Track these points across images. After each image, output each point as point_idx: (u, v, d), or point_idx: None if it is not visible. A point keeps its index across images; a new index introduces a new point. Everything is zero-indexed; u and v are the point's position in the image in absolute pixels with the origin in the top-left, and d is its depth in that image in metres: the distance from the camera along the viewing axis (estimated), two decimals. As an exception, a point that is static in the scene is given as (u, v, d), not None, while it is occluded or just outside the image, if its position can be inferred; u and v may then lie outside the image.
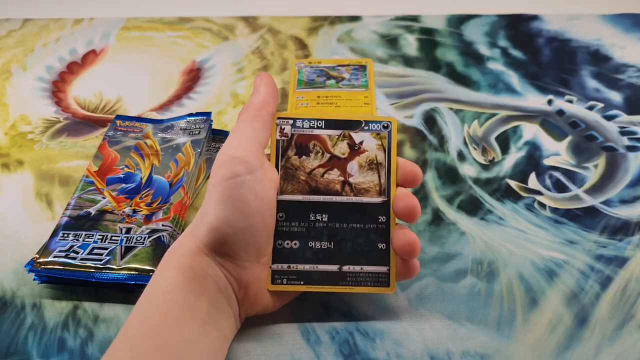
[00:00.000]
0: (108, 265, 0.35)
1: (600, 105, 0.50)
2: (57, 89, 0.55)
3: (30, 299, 0.36)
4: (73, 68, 0.58)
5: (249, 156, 0.30)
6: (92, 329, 0.34)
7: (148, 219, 0.38)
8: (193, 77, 0.56)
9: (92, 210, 0.39)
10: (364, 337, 0.33)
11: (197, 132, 0.45)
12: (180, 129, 0.45)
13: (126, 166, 0.42)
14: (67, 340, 0.34)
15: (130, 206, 0.39)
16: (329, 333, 0.33)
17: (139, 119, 0.47)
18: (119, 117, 0.47)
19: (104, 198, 0.40)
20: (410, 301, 0.35)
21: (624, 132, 0.47)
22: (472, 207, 0.41)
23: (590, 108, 0.50)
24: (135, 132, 0.45)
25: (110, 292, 0.36)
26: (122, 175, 0.41)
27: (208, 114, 0.46)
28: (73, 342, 0.33)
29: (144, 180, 0.41)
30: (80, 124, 0.50)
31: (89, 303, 0.35)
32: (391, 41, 0.60)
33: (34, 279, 0.36)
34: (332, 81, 0.54)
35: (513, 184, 0.43)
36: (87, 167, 0.42)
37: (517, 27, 0.61)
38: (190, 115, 0.46)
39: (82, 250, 0.36)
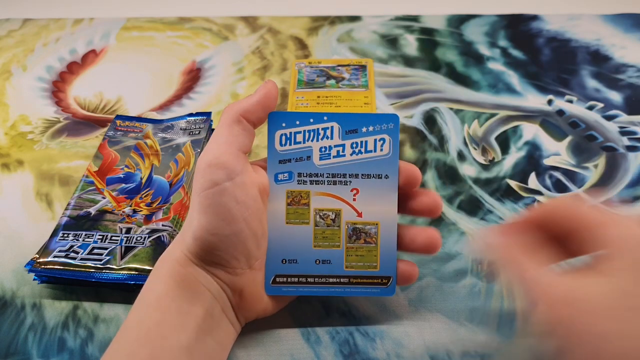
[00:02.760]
0: (108, 265, 0.35)
1: (600, 105, 0.50)
2: (57, 89, 0.55)
3: (30, 299, 0.36)
4: (73, 68, 0.58)
5: (227, 161, 0.28)
6: (92, 329, 0.34)
7: (148, 219, 0.38)
8: (193, 77, 0.56)
9: (92, 210, 0.39)
10: (364, 337, 0.33)
11: (197, 132, 0.45)
12: (180, 129, 0.45)
13: (126, 166, 0.42)
14: (67, 340, 0.34)
15: (130, 206, 0.39)
16: (329, 333, 0.33)
17: (139, 119, 0.47)
18: (119, 117, 0.47)
19: (104, 198, 0.40)
20: (410, 301, 0.35)
21: (624, 132, 0.47)
22: (472, 207, 0.41)
23: (590, 108, 0.50)
24: (136, 132, 0.45)
25: (110, 292, 0.36)
26: (122, 175, 0.41)
27: (208, 114, 0.46)
28: (73, 342, 0.33)
29: (144, 180, 0.41)
30: (80, 124, 0.50)
31: (89, 303, 0.35)
32: (391, 41, 0.60)
33: (34, 279, 0.36)
34: (332, 81, 0.54)
35: (513, 184, 0.43)
36: (87, 167, 0.42)
37: (517, 27, 0.61)
38: (190, 115, 0.46)
39: (82, 250, 0.36)
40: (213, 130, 0.47)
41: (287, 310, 0.34)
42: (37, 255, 0.36)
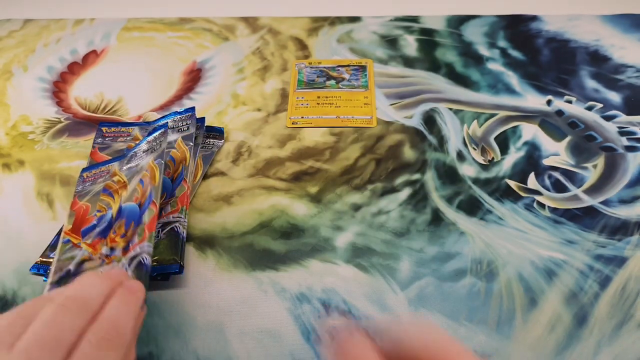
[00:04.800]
0: None
1: (599, 105, 0.50)
2: (58, 89, 0.55)
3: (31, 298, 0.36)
4: (74, 68, 0.58)
5: None
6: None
7: (125, 250, 0.35)
8: (194, 77, 0.56)
9: (71, 266, 0.36)
10: (364, 337, 0.33)
11: (185, 129, 0.45)
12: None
13: (98, 211, 0.39)
14: (69, 340, 0.34)
15: (106, 245, 0.37)
16: (329, 332, 0.34)
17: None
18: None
19: (80, 250, 0.37)
20: (410, 301, 0.35)
21: (622, 132, 0.48)
22: (472, 207, 0.42)
23: (590, 108, 0.50)
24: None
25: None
26: (95, 222, 0.38)
27: (192, 109, 0.47)
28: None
29: (114, 215, 0.38)
30: (81, 124, 0.50)
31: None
32: (391, 42, 0.60)
33: (44, 280, 0.36)
34: (332, 81, 0.55)
35: (512, 184, 0.43)
36: (62, 230, 0.39)
37: (517, 27, 0.61)
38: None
39: None
40: (207, 127, 0.48)
41: (287, 309, 0.34)
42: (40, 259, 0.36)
